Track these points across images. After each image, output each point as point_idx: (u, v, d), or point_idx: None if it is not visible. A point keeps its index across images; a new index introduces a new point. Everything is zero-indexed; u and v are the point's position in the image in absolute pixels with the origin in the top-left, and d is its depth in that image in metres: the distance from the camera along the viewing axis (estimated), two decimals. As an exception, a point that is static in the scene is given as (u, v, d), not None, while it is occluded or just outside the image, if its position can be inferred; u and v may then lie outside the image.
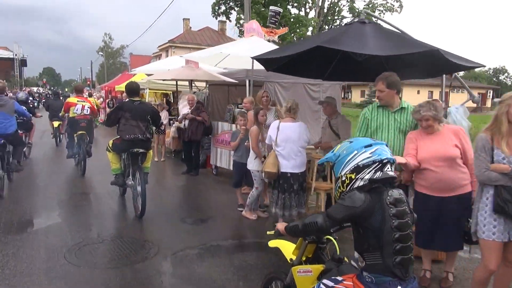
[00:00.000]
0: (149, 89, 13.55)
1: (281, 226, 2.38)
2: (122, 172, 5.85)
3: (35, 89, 39.13)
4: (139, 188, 5.40)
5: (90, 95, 19.08)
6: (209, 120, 7.97)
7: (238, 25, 22.60)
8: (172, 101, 14.36)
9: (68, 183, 7.48)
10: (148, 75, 12.29)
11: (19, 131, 7.61)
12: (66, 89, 56.15)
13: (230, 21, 21.49)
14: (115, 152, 5.80)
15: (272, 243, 2.71)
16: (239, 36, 21.61)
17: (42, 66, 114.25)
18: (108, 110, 17.75)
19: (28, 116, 7.86)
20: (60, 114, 9.01)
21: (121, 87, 16.56)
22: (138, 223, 5.32)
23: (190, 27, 40.86)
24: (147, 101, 11.88)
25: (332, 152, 2.17)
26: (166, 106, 10.72)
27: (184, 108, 8.53)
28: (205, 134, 8.13)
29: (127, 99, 5.82)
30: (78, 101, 8.11)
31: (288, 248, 2.59)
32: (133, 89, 5.78)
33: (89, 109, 8.03)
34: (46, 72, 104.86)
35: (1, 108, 6.17)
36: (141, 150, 5.56)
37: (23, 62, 41.30)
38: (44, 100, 25.92)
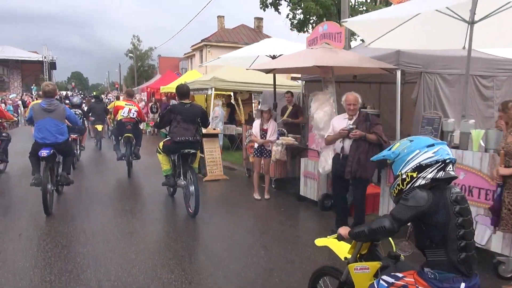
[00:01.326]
0: (216, 88, 10.67)
1: (343, 230, 2.39)
2: (172, 173, 5.96)
3: (64, 93, 39.86)
4: (191, 188, 5.49)
5: (118, 98, 19.08)
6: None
7: (290, 17, 20.81)
8: (239, 103, 12.14)
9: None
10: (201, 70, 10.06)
11: (73, 134, 8.21)
12: (94, 92, 54.35)
13: (279, 13, 18.38)
14: (166, 154, 5.89)
15: (320, 242, 2.64)
16: (290, 29, 18.47)
17: (70, 71, 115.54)
18: (151, 114, 14.90)
19: (79, 124, 7.54)
20: (108, 116, 9.52)
21: (169, 88, 13.42)
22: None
23: (224, 25, 37.42)
24: (212, 104, 11.06)
25: (390, 149, 2.20)
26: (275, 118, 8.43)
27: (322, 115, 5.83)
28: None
29: (178, 102, 5.85)
30: (126, 104, 8.36)
31: (339, 246, 2.57)
32: (184, 92, 5.82)
33: (135, 113, 8.27)
34: (74, 76, 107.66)
35: (52, 114, 5.75)
36: (192, 151, 5.67)
37: (53, 65, 40.73)
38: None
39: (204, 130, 6.65)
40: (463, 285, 1.96)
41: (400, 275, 2.11)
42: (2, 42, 42.66)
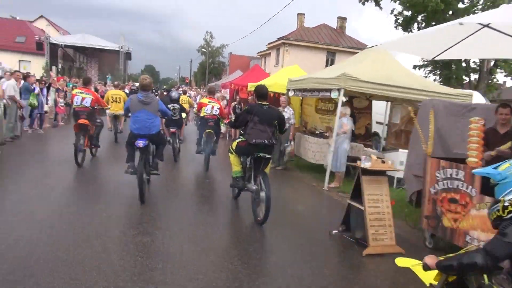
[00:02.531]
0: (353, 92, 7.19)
1: (430, 260, 2.18)
2: (242, 175, 5.77)
3: (137, 84, 36.09)
4: (262, 194, 5.25)
5: (185, 93, 18.90)
6: None
7: (396, 13, 18.78)
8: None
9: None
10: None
11: (172, 128, 9.33)
12: (165, 86, 54.25)
13: (381, 8, 14.97)
14: (238, 155, 5.73)
15: (401, 262, 2.59)
16: (395, 27, 15.30)
17: (144, 64, 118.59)
18: (233, 116, 12.59)
19: (169, 115, 7.43)
20: (194, 111, 10.21)
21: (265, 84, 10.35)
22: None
23: (304, 24, 34.33)
24: (338, 113, 8.08)
25: (496, 168, 2.00)
26: None
27: None
28: None
29: (256, 102, 5.66)
30: (209, 101, 8.55)
31: (421, 270, 2.26)
32: (264, 93, 5.64)
33: (218, 110, 8.46)
34: (147, 69, 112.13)
35: (147, 106, 5.94)
36: (266, 156, 5.44)
37: (128, 56, 40.42)
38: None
39: (367, 165, 4.84)
40: None
41: None
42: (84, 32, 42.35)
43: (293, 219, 5.95)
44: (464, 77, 18.95)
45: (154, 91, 26.37)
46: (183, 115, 15.45)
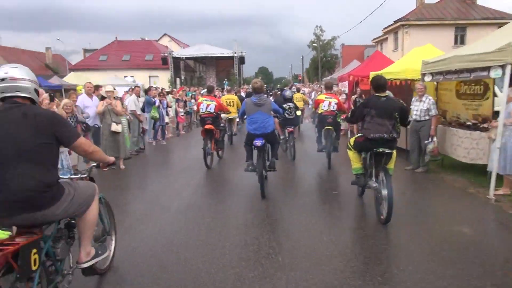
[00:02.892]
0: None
1: None
2: (363, 172, 5.57)
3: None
4: (384, 192, 4.92)
5: (298, 90, 18.84)
6: None
7: None
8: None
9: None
10: None
11: (289, 127, 9.32)
12: (278, 86, 54.63)
13: None
14: (357, 151, 5.53)
15: None
16: None
17: (257, 66, 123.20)
18: None
19: (281, 113, 7.82)
20: (311, 109, 10.30)
21: (388, 73, 8.80)
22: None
23: (424, 0, 30.63)
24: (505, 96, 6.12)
25: None
26: None
27: None
28: None
29: (373, 95, 5.31)
30: (326, 97, 8.32)
31: None
32: (381, 84, 5.26)
33: (335, 105, 8.16)
34: (260, 71, 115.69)
35: (261, 107, 6.42)
36: (386, 151, 5.08)
37: (241, 60, 40.75)
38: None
39: None
40: None
41: None
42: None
43: (457, 244, 4.40)
44: None
45: (268, 91, 26.50)
46: (298, 113, 15.26)
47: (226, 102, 11.56)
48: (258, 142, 6.30)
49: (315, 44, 59.43)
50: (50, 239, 2.94)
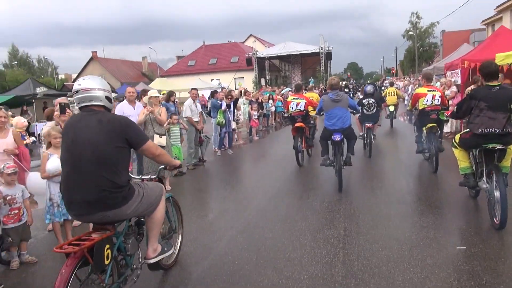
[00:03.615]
0: None
1: None
2: (472, 171, 5.15)
3: (343, 83, 37.14)
4: (496, 193, 4.48)
5: (392, 84, 17.66)
6: None
7: None
8: None
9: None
10: None
11: (368, 123, 9.25)
12: (368, 81, 50.24)
13: None
14: (464, 149, 5.16)
15: None
16: None
17: (346, 62, 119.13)
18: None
19: (358, 109, 7.95)
20: (408, 108, 9.12)
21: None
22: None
23: None
24: None
25: None
26: None
27: None
28: None
29: (484, 85, 4.90)
30: (428, 90, 7.47)
31: None
32: (492, 72, 4.73)
33: (439, 99, 7.36)
34: (350, 67, 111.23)
35: (338, 103, 6.61)
36: (498, 146, 4.61)
37: (328, 55, 39.81)
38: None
39: None
40: None
41: None
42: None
43: None
44: None
45: (357, 87, 24.11)
46: (391, 108, 14.63)
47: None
48: (337, 137, 6.51)
49: (412, 32, 53.62)
50: (122, 236, 3.20)
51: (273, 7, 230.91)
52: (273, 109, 17.56)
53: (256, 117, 13.61)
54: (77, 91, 2.98)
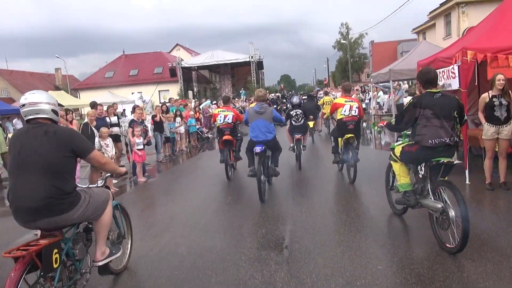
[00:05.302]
0: None
1: None
2: (413, 188, 4.76)
3: (272, 95, 38.07)
4: (451, 213, 4.01)
5: (326, 93, 18.82)
6: None
7: None
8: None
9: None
10: None
11: (297, 135, 9.18)
12: (302, 92, 49.12)
13: None
14: (406, 163, 4.80)
15: None
16: None
17: (279, 74, 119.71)
18: None
19: (283, 121, 8.15)
20: (326, 116, 9.76)
21: None
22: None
23: None
24: None
25: None
26: None
27: None
28: None
29: (425, 92, 4.59)
30: (346, 101, 7.65)
31: None
32: (431, 78, 4.48)
33: (357, 110, 7.53)
34: (283, 79, 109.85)
35: (262, 115, 6.84)
36: (455, 161, 4.29)
37: (260, 65, 33.91)
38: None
39: None
40: None
41: None
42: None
43: None
44: None
45: (287, 99, 26.05)
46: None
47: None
48: (258, 149, 6.68)
49: (344, 41, 52.40)
50: (70, 241, 3.36)
51: (205, 20, 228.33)
52: (181, 129, 13.74)
53: (142, 146, 9.26)
54: (23, 105, 3.15)
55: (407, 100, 16.67)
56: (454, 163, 4.23)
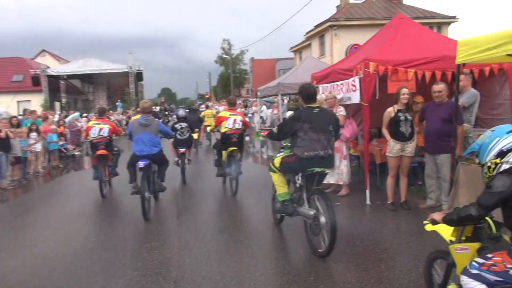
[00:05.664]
0: None
1: (437, 216, 2.67)
2: (291, 197, 4.98)
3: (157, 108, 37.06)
4: (322, 219, 4.33)
5: (207, 107, 19.29)
6: None
7: None
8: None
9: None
10: None
11: (181, 148, 8.89)
12: (183, 106, 47.36)
13: None
14: (284, 173, 5.00)
15: (429, 227, 2.80)
16: None
17: (160, 87, 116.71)
18: None
19: (171, 134, 8.02)
20: (209, 128, 9.53)
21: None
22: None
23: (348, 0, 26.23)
24: None
25: (476, 142, 2.51)
26: None
27: None
28: None
29: (305, 107, 4.84)
30: (230, 114, 7.66)
31: (445, 230, 2.77)
32: (312, 93, 4.76)
33: (241, 123, 7.59)
34: (163, 92, 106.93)
35: (147, 128, 6.45)
36: (326, 171, 4.63)
37: (139, 76, 30.62)
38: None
39: None
40: None
41: (490, 255, 2.30)
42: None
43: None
44: None
45: (169, 111, 25.72)
46: (209, 129, 13.96)
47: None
48: (141, 164, 6.30)
49: (226, 56, 52.75)
50: None
51: (80, 28, 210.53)
52: (38, 147, 11.55)
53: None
54: None
55: (289, 114, 16.97)
56: (326, 172, 4.61)
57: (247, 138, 9.32)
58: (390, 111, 5.87)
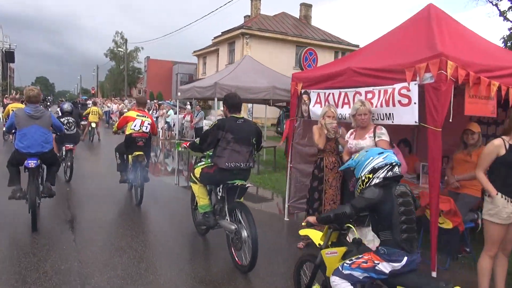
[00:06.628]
0: None
1: (312, 218, 2.92)
2: (212, 209, 4.83)
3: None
4: (244, 233, 4.18)
5: (95, 103, 17.29)
6: None
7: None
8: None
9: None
10: None
11: (68, 145, 8.23)
12: (61, 99, 41.84)
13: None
14: (204, 184, 4.84)
15: (303, 232, 3.13)
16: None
17: (35, 75, 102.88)
18: None
19: (63, 130, 6.66)
20: (113, 130, 7.61)
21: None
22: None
23: (260, 11, 25.17)
24: None
25: (352, 159, 2.88)
26: None
27: None
28: None
29: (229, 116, 4.65)
30: (138, 115, 6.96)
31: (316, 235, 3.08)
32: (236, 103, 4.58)
33: (149, 126, 6.93)
34: (39, 81, 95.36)
35: (37, 121, 5.35)
36: (248, 185, 4.53)
37: (10, 56, 24.32)
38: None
39: None
40: (405, 258, 2.50)
41: (360, 256, 2.68)
42: None
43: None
44: None
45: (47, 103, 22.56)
46: (93, 125, 14.69)
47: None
48: (32, 163, 5.29)
49: (120, 49, 46.81)
50: None
51: None
52: None
53: None
54: None
55: (207, 122, 14.54)
56: (247, 186, 4.47)
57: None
58: (499, 145, 3.39)
